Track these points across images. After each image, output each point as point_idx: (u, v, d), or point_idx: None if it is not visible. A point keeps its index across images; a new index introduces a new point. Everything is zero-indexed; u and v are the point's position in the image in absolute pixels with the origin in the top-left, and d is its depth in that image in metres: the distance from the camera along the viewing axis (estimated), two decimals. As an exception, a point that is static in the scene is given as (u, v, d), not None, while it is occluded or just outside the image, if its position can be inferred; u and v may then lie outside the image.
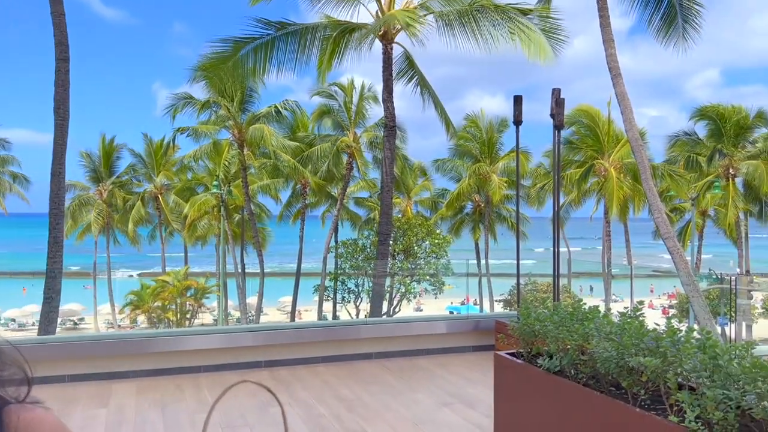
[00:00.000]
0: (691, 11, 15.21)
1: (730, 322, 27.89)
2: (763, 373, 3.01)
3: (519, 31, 12.58)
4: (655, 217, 11.85)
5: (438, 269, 27.34)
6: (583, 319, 4.29)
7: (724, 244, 35.95)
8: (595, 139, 30.57)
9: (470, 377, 6.62)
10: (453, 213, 35.29)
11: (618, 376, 3.75)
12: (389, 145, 15.04)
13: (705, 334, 3.59)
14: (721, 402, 3.00)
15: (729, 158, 29.25)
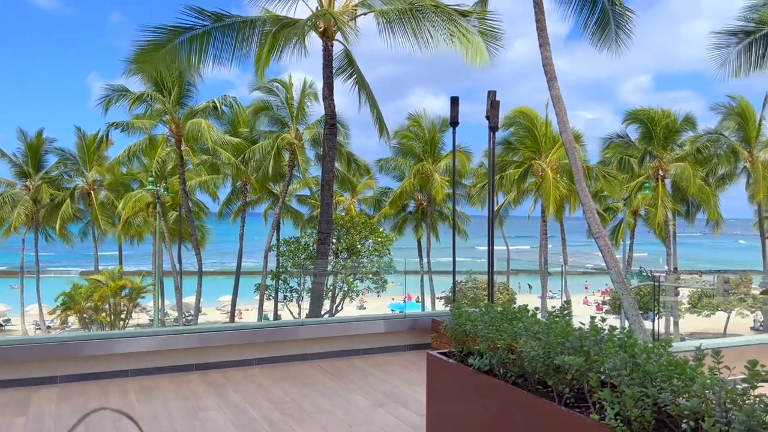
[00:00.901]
0: (624, 17, 15.76)
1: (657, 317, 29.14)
2: (678, 371, 3.11)
3: (458, 33, 12.72)
4: (587, 217, 12.22)
5: (381, 267, 27.41)
6: (513, 318, 4.35)
7: (654, 243, 37.57)
8: (533, 141, 31.33)
9: (406, 377, 6.64)
10: (396, 211, 35.47)
11: (545, 374, 3.81)
12: (330, 142, 14.93)
13: (626, 333, 3.70)
14: (639, 399, 3.08)
15: (659, 160, 30.53)
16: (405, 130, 35.01)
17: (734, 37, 14.32)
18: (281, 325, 7.86)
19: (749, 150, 30.06)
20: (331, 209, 16.32)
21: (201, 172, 31.77)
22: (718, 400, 2.80)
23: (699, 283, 26.71)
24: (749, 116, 30.12)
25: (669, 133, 30.40)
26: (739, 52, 14.39)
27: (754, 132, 30.05)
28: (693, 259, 66.60)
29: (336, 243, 26.97)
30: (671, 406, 3.01)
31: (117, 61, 50.98)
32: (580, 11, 16.05)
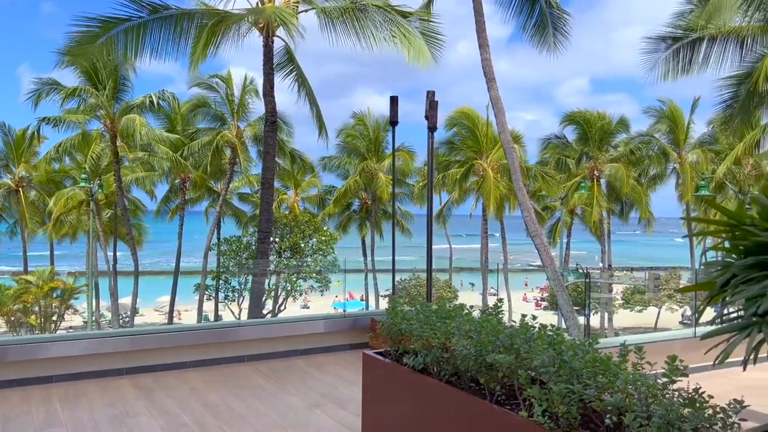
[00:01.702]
0: (560, 20, 16.19)
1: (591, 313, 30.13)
2: (603, 367, 3.19)
3: (400, 34, 12.76)
4: (524, 216, 12.49)
5: (324, 266, 27.24)
6: (447, 317, 4.37)
7: (590, 241, 38.79)
8: (475, 141, 31.81)
9: (345, 377, 6.59)
10: (340, 210, 35.34)
11: (477, 372, 3.85)
12: (270, 140, 14.69)
13: (555, 330, 3.77)
14: (566, 396, 3.14)
15: (594, 161, 31.57)
16: (350, 128, 34.94)
17: (663, 42, 14.93)
18: (218, 327, 7.68)
19: (678, 152, 31.45)
20: (272, 208, 16.08)
21: (138, 168, 30.75)
22: (639, 395, 2.89)
23: (630, 279, 27.78)
24: (678, 120, 31.51)
25: (604, 134, 31.47)
26: (668, 57, 15.02)
27: (683, 135, 31.45)
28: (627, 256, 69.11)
29: (279, 242, 26.64)
30: (596, 401, 3.09)
31: (49, 52, 48.53)
32: (519, 13, 16.41)
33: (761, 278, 2.23)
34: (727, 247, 2.57)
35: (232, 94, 27.62)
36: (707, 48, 14.71)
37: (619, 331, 32.26)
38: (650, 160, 31.88)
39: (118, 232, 32.63)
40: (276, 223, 25.71)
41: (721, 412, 2.82)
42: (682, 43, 14.74)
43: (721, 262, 2.66)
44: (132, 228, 28.81)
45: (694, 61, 14.75)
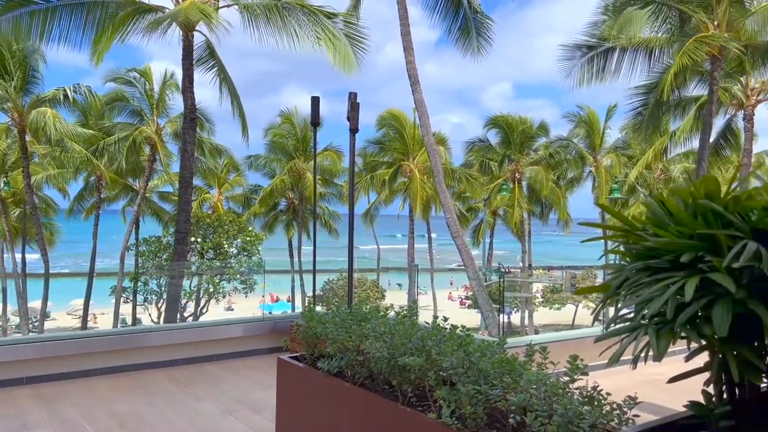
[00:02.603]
0: (484, 25, 16.60)
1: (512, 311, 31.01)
2: (509, 368, 3.26)
3: (325, 37, 12.66)
4: (447, 217, 12.70)
5: (249, 267, 26.70)
6: (362, 319, 4.36)
7: (512, 241, 39.95)
8: (402, 142, 32.10)
9: (262, 381, 6.46)
10: (266, 210, 34.75)
11: (390, 375, 3.85)
12: (189, 137, 14.22)
13: (465, 331, 3.83)
14: (473, 396, 3.19)
15: (516, 164, 32.56)
16: (277, 127, 34.42)
17: (579, 50, 15.60)
18: (128, 332, 7.35)
19: (594, 156, 32.89)
20: (190, 207, 15.59)
21: (49, 165, 29.09)
22: (540, 394, 2.96)
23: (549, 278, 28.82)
24: (595, 125, 32.97)
25: (525, 138, 32.52)
26: (583, 64, 15.70)
27: (599, 140, 32.93)
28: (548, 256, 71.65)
29: (201, 242, 25.89)
30: (501, 401, 3.15)
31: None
32: (444, 17, 16.71)
33: (651, 282, 2.33)
34: (623, 250, 2.68)
35: (151, 89, 26.56)
36: (619, 57, 15.49)
37: (539, 328, 33.39)
38: (568, 163, 33.20)
39: (28, 231, 30.76)
40: (198, 223, 24.98)
41: (618, 409, 2.93)
42: (596, 52, 15.44)
43: (616, 265, 2.77)
44: (43, 228, 27.22)
45: (607, 69, 15.49)
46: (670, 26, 14.60)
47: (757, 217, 2.27)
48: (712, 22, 14.13)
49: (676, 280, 2.14)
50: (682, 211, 2.35)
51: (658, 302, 2.13)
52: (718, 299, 2.06)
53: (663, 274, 2.28)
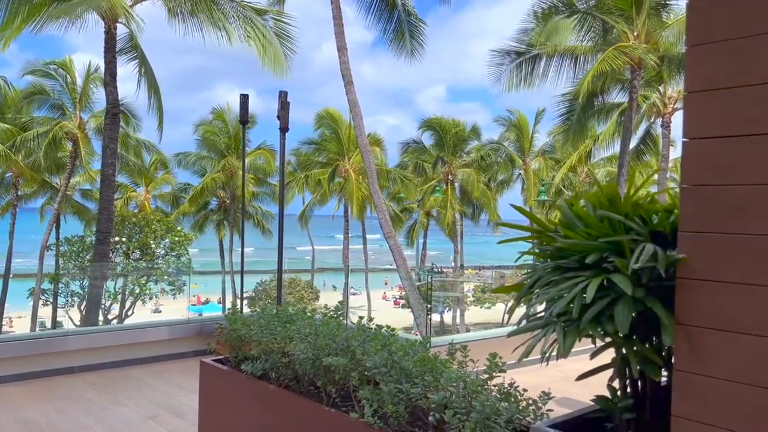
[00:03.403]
0: (417, 28, 16.80)
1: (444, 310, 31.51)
2: (430, 366, 3.32)
3: (254, 35, 12.45)
4: (380, 218, 12.78)
5: (178, 268, 25.95)
6: (288, 321, 4.33)
7: (446, 241, 40.60)
8: (338, 142, 32.05)
9: (186, 385, 6.30)
10: (196, 209, 33.87)
11: (315, 376, 3.84)
12: (111, 133, 13.63)
13: (390, 331, 3.86)
14: (395, 395, 3.23)
15: (449, 165, 33.12)
16: (208, 123, 33.61)
17: (508, 56, 16.04)
18: (45, 336, 7.00)
19: (523, 159, 33.90)
20: (112, 206, 14.99)
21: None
22: (458, 392, 3.03)
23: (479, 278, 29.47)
24: (525, 129, 33.97)
25: (458, 141, 33.13)
26: (512, 70, 16.15)
27: (528, 143, 33.95)
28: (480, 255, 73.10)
29: (127, 242, 24.95)
30: (423, 399, 3.20)
31: None
32: (379, 19, 16.81)
33: (561, 281, 2.43)
34: (536, 251, 2.77)
35: (73, 82, 25.35)
36: (546, 63, 16.03)
37: (470, 326, 34.06)
38: (499, 166, 34.06)
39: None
40: (123, 223, 24.06)
41: (533, 404, 3.04)
42: (525, 58, 15.93)
43: (531, 264, 2.87)
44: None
45: (535, 74, 16.01)
46: (594, 35, 15.25)
47: (658, 220, 2.41)
48: (633, 32, 14.86)
49: (582, 280, 2.24)
50: (589, 214, 2.46)
51: (564, 301, 2.22)
52: (621, 298, 2.17)
53: (571, 274, 2.38)
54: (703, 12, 2.03)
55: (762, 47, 1.88)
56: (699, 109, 2.04)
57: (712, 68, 2.00)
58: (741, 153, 1.92)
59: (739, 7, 1.93)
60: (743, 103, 1.92)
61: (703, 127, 2.02)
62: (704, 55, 2.02)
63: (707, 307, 1.99)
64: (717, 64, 1.98)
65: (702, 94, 2.03)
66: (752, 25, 1.90)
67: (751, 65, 1.90)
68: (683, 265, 2.06)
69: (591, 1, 14.78)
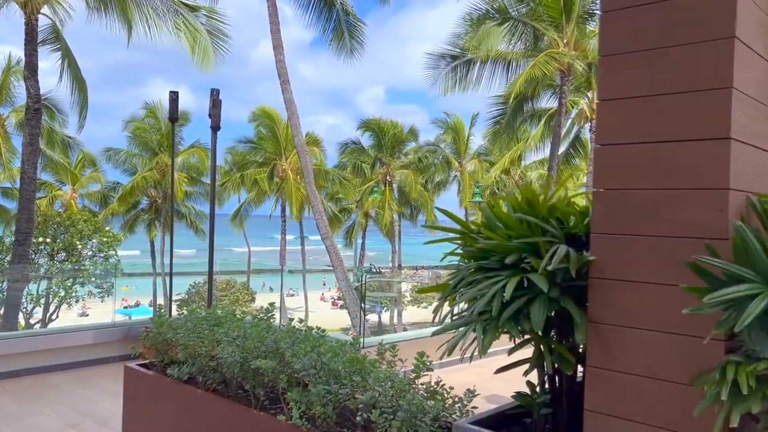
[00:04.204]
0: (356, 28, 16.81)
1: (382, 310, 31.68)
2: (359, 367, 3.33)
3: (185, 30, 12.14)
4: (317, 219, 12.72)
5: (107, 269, 24.96)
6: (216, 324, 4.25)
7: (384, 242, 40.79)
8: (276, 141, 31.67)
9: (111, 391, 6.07)
10: (126, 208, 32.68)
11: (243, 379, 3.78)
12: (32, 129, 12.96)
13: (320, 332, 3.86)
14: (323, 397, 3.23)
15: (387, 166, 33.31)
16: (139, 120, 32.49)
17: (443, 59, 16.30)
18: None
19: (460, 161, 34.49)
20: (33, 205, 14.27)
21: None
22: (385, 391, 3.06)
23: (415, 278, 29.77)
24: (461, 132, 34.57)
25: (396, 142, 33.38)
26: (447, 73, 16.42)
27: (464, 146, 34.57)
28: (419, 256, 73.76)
29: (51, 243, 23.81)
30: (351, 400, 3.21)
31: None
32: (318, 18, 16.71)
33: (482, 280, 2.49)
34: (460, 252, 2.84)
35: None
36: (480, 68, 16.40)
37: (407, 326, 34.35)
38: (436, 167, 34.53)
39: None
40: (47, 222, 22.96)
41: (459, 402, 3.10)
42: (460, 62, 16.23)
43: (456, 265, 2.93)
44: None
45: (470, 79, 16.34)
46: (526, 42, 15.71)
47: (574, 222, 2.51)
48: (562, 40, 15.40)
49: (502, 280, 2.31)
50: (509, 216, 2.53)
51: (485, 300, 2.28)
52: (537, 297, 2.25)
53: (492, 274, 2.45)
54: (614, 24, 2.13)
55: (668, 59, 1.99)
56: (610, 117, 2.14)
57: (621, 78, 2.10)
58: (646, 159, 2.03)
59: (647, 21, 2.04)
60: (650, 112, 2.03)
61: (614, 134, 2.12)
62: (614, 65, 2.12)
63: (614, 305, 2.09)
64: (626, 74, 2.09)
65: (612, 103, 2.13)
66: (659, 38, 2.01)
67: (658, 76, 2.01)
68: (594, 265, 2.16)
69: (523, 9, 15.24)
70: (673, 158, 1.95)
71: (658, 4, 2.00)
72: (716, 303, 1.75)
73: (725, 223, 1.87)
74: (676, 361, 1.95)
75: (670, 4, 1.97)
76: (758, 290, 1.73)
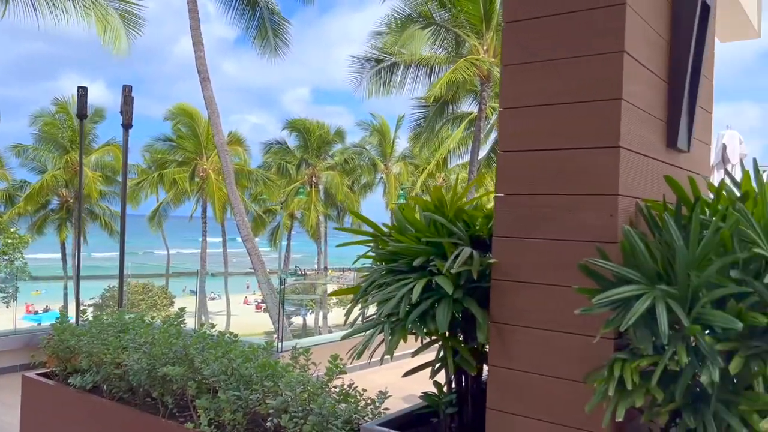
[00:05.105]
0: (281, 26, 16.61)
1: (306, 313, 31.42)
2: (271, 371, 3.28)
3: (96, 11, 11.56)
4: (237, 221, 12.46)
5: (12, 273, 23.48)
6: (122, 330, 4.08)
7: (310, 243, 40.45)
8: (196, 140, 30.79)
9: (10, 403, 5.69)
10: (35, 208, 30.83)
11: (151, 387, 3.65)
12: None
13: (232, 337, 3.78)
14: (234, 403, 3.16)
15: (313, 168, 33.09)
16: (49, 116, 30.74)
17: (368, 62, 16.38)
18: None
19: (385, 163, 34.74)
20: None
21: None
22: (296, 396, 3.03)
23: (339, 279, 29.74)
24: (387, 134, 34.82)
25: (322, 143, 33.22)
26: (372, 76, 16.52)
27: (390, 148, 34.86)
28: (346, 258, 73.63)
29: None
30: (262, 405, 3.16)
31: None
32: (241, 15, 16.38)
33: (391, 282, 2.51)
34: (372, 254, 2.85)
35: None
36: (404, 72, 16.59)
37: (332, 328, 34.22)
38: (362, 169, 34.63)
39: None
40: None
41: (372, 404, 3.11)
42: (383, 66, 16.36)
43: (368, 267, 2.94)
44: None
45: (393, 82, 16.50)
46: (448, 47, 16.03)
47: (479, 225, 2.58)
48: (483, 46, 15.81)
49: (410, 282, 2.34)
50: (417, 218, 2.57)
51: (393, 302, 2.30)
52: (443, 299, 2.29)
53: (402, 276, 2.47)
54: (515, 35, 2.21)
55: (563, 70, 2.08)
56: (511, 124, 2.21)
57: (521, 87, 2.18)
58: (543, 166, 2.11)
59: (543, 33, 2.12)
60: (547, 121, 2.11)
61: (514, 141, 2.20)
62: (515, 74, 2.20)
63: (515, 306, 2.16)
64: (526, 84, 2.16)
65: (513, 111, 2.20)
66: (555, 50, 2.10)
67: (554, 86, 2.10)
68: (496, 267, 2.22)
69: (445, 15, 15.55)
70: (567, 165, 2.04)
71: (553, 17, 2.08)
72: (605, 303, 1.84)
73: (615, 227, 1.97)
74: (572, 359, 2.04)
75: (564, 18, 2.06)
76: (643, 291, 1.83)
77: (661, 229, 2.02)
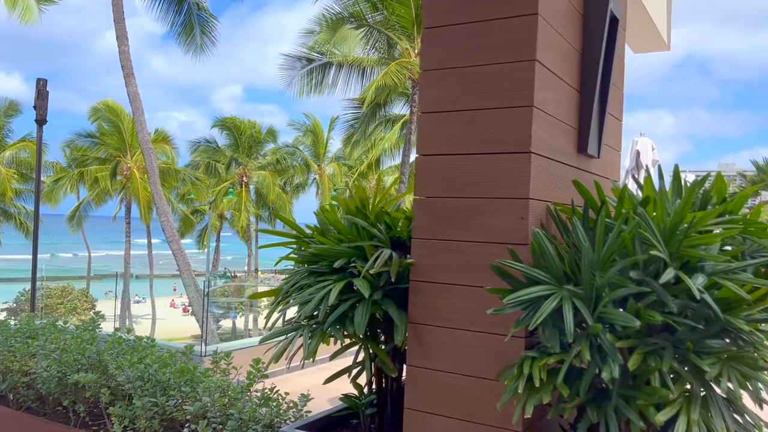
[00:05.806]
0: (208, 23, 16.22)
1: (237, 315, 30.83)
2: (189, 377, 3.20)
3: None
4: (162, 221, 12.07)
5: None
6: (31, 336, 3.87)
7: (241, 244, 39.67)
8: (120, 137, 29.61)
9: None
10: (-61, 207, 28.85)
11: (61, 395, 3.49)
12: None
13: (149, 342, 3.66)
14: (149, 409, 3.06)
15: (243, 167, 32.46)
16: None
17: (300, 61, 16.25)
18: None
19: (319, 164, 34.52)
20: None
21: None
22: (215, 401, 2.97)
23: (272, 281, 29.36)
24: (320, 135, 34.59)
25: (254, 142, 32.64)
26: (303, 75, 16.39)
27: (323, 149, 34.66)
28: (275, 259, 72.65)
29: None
30: (179, 412, 3.08)
31: None
32: (167, 10, 15.91)
33: (312, 285, 2.50)
34: (294, 256, 2.82)
35: None
36: (336, 73, 16.55)
37: (263, 331, 33.69)
38: (295, 170, 34.26)
39: None
40: None
41: (294, 407, 3.09)
42: (315, 65, 16.27)
43: (291, 269, 2.92)
44: None
45: (325, 82, 16.43)
46: (380, 49, 16.12)
47: (400, 227, 2.60)
48: (414, 50, 15.99)
49: (330, 284, 2.33)
50: (338, 220, 2.57)
51: (312, 304, 2.29)
52: (361, 301, 2.30)
53: (322, 278, 2.46)
54: (432, 41, 2.25)
55: (477, 77, 2.13)
56: (429, 129, 2.25)
57: (438, 92, 2.22)
58: (458, 170, 2.16)
59: (459, 41, 2.17)
60: (462, 126, 2.16)
61: (432, 145, 2.23)
62: (432, 79, 2.23)
63: (431, 306, 2.20)
64: (442, 89, 2.21)
65: (431, 116, 2.24)
66: (470, 57, 2.15)
67: (468, 92, 2.15)
68: (414, 268, 2.25)
69: (378, 17, 15.62)
70: (481, 169, 2.10)
71: (471, 24, 2.13)
72: (516, 303, 1.90)
73: (526, 230, 2.04)
74: (486, 358, 2.09)
75: (479, 26, 2.12)
76: (551, 291, 1.90)
77: (569, 232, 2.11)
